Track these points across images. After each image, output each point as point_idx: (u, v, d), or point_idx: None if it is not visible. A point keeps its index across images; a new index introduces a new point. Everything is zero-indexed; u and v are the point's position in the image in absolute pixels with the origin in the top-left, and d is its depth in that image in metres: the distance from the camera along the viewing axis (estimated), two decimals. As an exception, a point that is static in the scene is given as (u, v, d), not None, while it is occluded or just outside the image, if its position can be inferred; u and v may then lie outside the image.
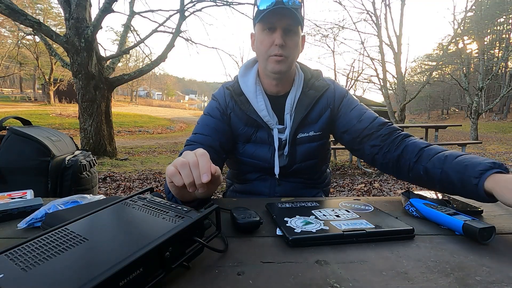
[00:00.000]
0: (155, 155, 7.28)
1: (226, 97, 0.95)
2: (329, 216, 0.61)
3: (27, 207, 0.68)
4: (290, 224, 0.57)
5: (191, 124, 17.20)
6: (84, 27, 5.13)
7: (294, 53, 0.89)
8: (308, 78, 0.97)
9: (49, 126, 4.49)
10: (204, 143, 0.89)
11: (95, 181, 1.53)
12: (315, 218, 0.60)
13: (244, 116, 0.93)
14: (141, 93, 49.20)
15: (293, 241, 0.52)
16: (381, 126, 0.89)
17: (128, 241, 0.38)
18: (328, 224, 0.57)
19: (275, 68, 0.87)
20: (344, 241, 0.53)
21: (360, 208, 0.67)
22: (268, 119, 0.91)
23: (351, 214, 0.62)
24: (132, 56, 30.04)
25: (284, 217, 0.61)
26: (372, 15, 10.68)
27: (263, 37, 0.87)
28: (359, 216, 0.61)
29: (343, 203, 0.70)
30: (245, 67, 0.99)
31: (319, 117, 0.94)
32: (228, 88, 0.96)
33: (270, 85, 0.94)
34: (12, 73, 25.47)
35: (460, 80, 11.07)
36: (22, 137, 1.27)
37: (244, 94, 0.94)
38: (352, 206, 0.69)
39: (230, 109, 0.94)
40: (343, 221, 0.58)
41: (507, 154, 7.37)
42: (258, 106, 0.91)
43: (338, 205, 0.69)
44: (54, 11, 20.13)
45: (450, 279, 0.42)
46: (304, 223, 0.58)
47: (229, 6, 6.98)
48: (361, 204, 0.70)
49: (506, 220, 0.66)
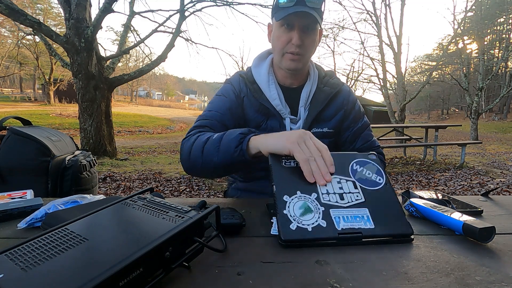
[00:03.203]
0: (155, 155, 7.28)
1: (241, 83, 0.97)
2: (332, 195, 0.57)
3: (27, 207, 0.68)
4: (287, 212, 0.54)
5: (191, 124, 17.09)
6: (84, 27, 5.13)
7: (310, 51, 0.91)
8: (322, 75, 1.00)
9: (49, 126, 4.49)
10: (219, 120, 0.90)
11: (95, 181, 1.53)
12: (316, 201, 0.56)
13: (256, 103, 0.93)
14: (141, 93, 49.19)
15: (285, 241, 0.51)
16: (369, 149, 0.97)
17: (128, 241, 0.38)
18: (327, 216, 0.54)
19: (290, 66, 0.89)
20: (338, 243, 0.52)
21: (371, 180, 0.62)
22: (280, 108, 0.92)
23: (356, 195, 0.58)
24: (132, 56, 30.01)
25: (284, 194, 0.56)
26: (372, 15, 10.68)
27: (281, 34, 0.87)
28: (364, 200, 0.58)
29: (356, 161, 0.64)
30: (259, 58, 1.00)
31: (334, 115, 0.97)
32: (241, 75, 0.98)
33: (284, 77, 0.96)
34: (12, 73, 25.45)
35: (460, 80, 11.07)
36: (22, 137, 1.27)
37: (256, 83, 0.95)
38: (364, 172, 0.63)
39: (244, 94, 0.95)
40: (344, 211, 0.55)
41: (507, 154, 7.37)
42: (270, 95, 0.93)
43: (348, 167, 0.63)
44: (54, 11, 20.11)
45: (450, 279, 0.42)
46: (303, 210, 0.55)
47: (229, 6, 6.98)
48: (373, 170, 0.63)
49: (506, 220, 0.66)
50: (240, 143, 0.71)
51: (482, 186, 3.90)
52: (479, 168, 5.08)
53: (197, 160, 0.78)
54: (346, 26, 11.87)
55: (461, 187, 3.86)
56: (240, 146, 0.70)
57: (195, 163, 0.80)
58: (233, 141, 0.72)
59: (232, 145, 0.71)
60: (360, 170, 0.63)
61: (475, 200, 0.80)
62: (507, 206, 0.76)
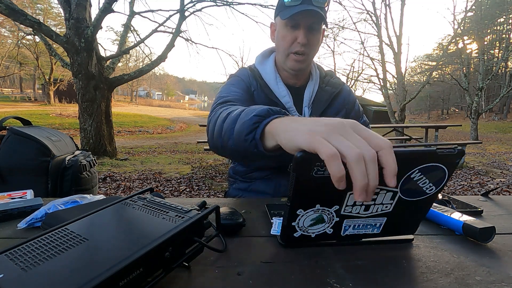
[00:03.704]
0: (155, 155, 7.28)
1: (250, 77, 0.94)
2: (357, 207, 0.47)
3: (27, 207, 0.68)
4: (295, 224, 0.47)
5: (191, 124, 17.19)
6: (84, 27, 5.13)
7: (315, 50, 0.91)
8: (323, 75, 1.00)
9: (49, 126, 4.49)
10: (239, 99, 0.81)
11: (95, 181, 1.53)
12: (335, 212, 0.47)
13: (265, 99, 0.91)
14: (141, 93, 49.18)
15: (282, 240, 0.51)
16: None
17: (128, 241, 0.38)
18: (337, 225, 0.49)
19: (294, 66, 0.89)
20: (338, 243, 0.52)
21: (419, 191, 0.46)
22: (290, 105, 0.91)
23: (386, 206, 0.48)
24: (132, 56, 30.05)
25: (298, 208, 0.45)
26: (372, 15, 10.67)
27: (285, 33, 0.86)
28: (391, 210, 0.48)
29: (422, 168, 0.43)
30: (262, 56, 0.99)
31: (336, 115, 0.97)
32: (251, 69, 0.96)
33: (287, 77, 0.96)
34: (12, 73, 25.45)
35: (460, 80, 11.06)
36: (22, 137, 1.27)
37: (263, 79, 0.94)
38: (419, 182, 0.45)
39: (254, 88, 0.92)
40: (359, 220, 0.49)
41: (507, 154, 7.37)
42: (279, 92, 0.92)
43: (404, 175, 0.44)
44: (54, 11, 20.12)
45: (450, 279, 0.42)
46: (314, 222, 0.47)
47: (229, 6, 6.99)
48: (436, 178, 0.45)
49: (506, 220, 0.66)
50: (253, 129, 0.51)
51: (482, 186, 3.90)
52: (479, 168, 5.08)
53: (217, 142, 0.65)
54: (346, 26, 11.88)
55: (461, 187, 3.86)
56: (252, 134, 0.52)
57: (217, 145, 0.66)
58: (245, 125, 0.53)
59: (244, 130, 0.53)
60: (417, 179, 0.45)
61: (475, 200, 0.80)
62: (507, 206, 0.76)
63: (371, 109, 21.49)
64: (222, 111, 0.66)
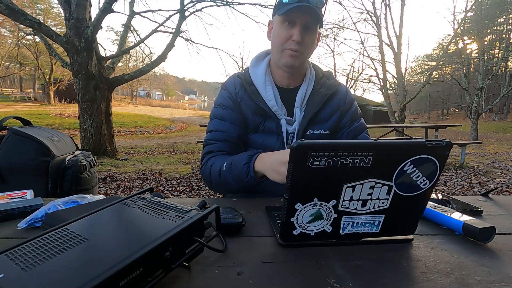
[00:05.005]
0: (155, 155, 7.28)
1: (236, 86, 0.97)
2: (354, 202, 0.49)
3: (27, 207, 0.68)
4: (294, 219, 0.49)
5: (191, 124, 17.19)
6: (84, 27, 5.13)
7: (309, 50, 0.91)
8: (319, 77, 1.00)
9: (49, 126, 4.49)
10: (223, 140, 0.93)
11: (95, 181, 1.53)
12: (333, 208, 0.49)
13: (253, 105, 0.94)
14: (141, 93, 49.17)
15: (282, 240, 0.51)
16: None
17: (128, 241, 0.38)
18: (336, 222, 0.50)
19: (288, 62, 0.89)
20: (338, 243, 0.52)
21: (414, 185, 0.49)
22: (276, 109, 0.92)
23: (383, 201, 0.50)
24: (132, 56, 30.01)
25: (297, 202, 0.48)
26: (372, 15, 10.67)
27: (281, 30, 0.88)
28: (388, 207, 0.50)
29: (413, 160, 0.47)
30: (257, 59, 1.00)
31: (330, 116, 0.97)
32: (239, 76, 0.98)
33: (281, 77, 0.96)
34: (12, 73, 25.44)
35: (460, 80, 11.06)
36: (22, 137, 1.27)
37: (254, 84, 0.95)
38: (413, 175, 0.48)
39: (240, 98, 0.95)
40: (358, 217, 0.50)
41: (507, 154, 7.37)
42: (266, 96, 0.93)
43: (397, 168, 0.47)
44: (54, 11, 20.11)
45: (450, 279, 0.42)
46: (313, 218, 0.49)
47: (229, 6, 6.98)
48: (428, 171, 0.48)
49: (506, 220, 0.66)
50: (248, 172, 0.80)
51: (482, 186, 3.90)
52: (479, 168, 5.08)
53: (220, 187, 0.93)
54: (346, 26, 11.88)
55: (461, 187, 3.85)
56: (249, 175, 0.80)
57: (220, 189, 0.96)
58: (241, 172, 0.81)
59: (242, 176, 0.81)
60: (410, 172, 0.48)
61: (475, 200, 0.80)
62: (507, 206, 0.76)
63: (371, 109, 21.48)
64: (212, 166, 0.90)
